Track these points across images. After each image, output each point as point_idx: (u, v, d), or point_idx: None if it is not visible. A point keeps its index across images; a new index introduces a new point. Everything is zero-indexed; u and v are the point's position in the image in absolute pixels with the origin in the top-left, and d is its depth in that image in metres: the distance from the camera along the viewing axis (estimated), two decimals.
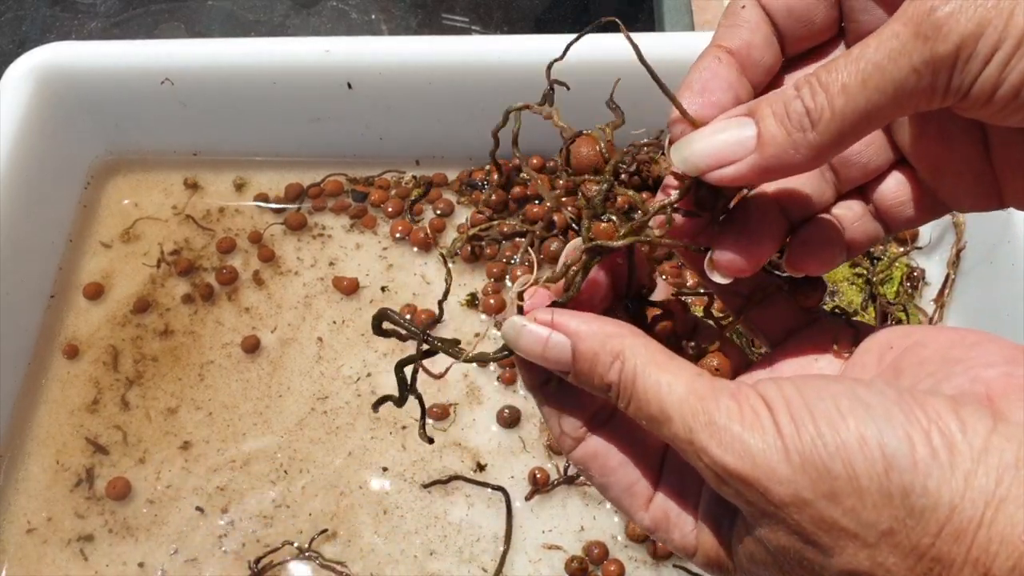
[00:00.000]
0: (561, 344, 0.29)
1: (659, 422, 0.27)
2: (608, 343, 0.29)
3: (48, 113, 0.62)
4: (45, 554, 0.54)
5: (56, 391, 0.59)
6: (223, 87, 0.63)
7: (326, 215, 0.66)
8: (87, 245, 0.65)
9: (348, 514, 0.54)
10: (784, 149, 0.27)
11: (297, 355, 0.60)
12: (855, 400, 0.25)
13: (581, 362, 0.29)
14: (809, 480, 0.25)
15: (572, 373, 0.29)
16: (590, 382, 0.29)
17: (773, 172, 0.28)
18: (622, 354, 0.28)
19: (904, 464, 0.24)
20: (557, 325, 0.30)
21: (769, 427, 0.26)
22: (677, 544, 0.30)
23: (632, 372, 0.28)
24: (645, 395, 0.28)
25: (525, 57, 0.61)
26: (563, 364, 0.29)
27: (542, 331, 0.30)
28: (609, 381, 0.28)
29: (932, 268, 0.60)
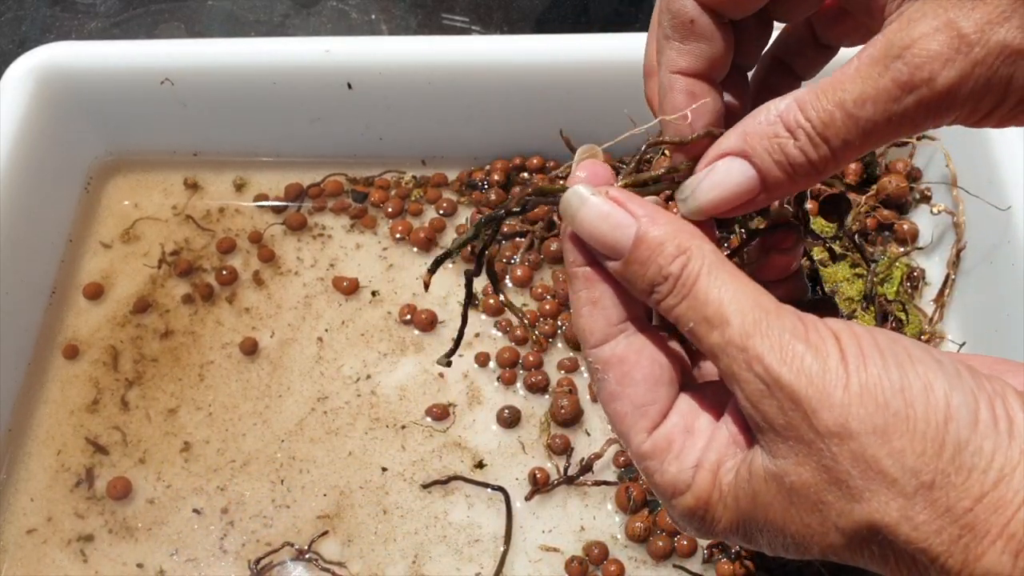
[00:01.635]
0: (626, 225, 0.28)
1: (712, 325, 0.26)
2: (679, 236, 0.28)
3: (48, 113, 0.62)
4: (45, 554, 0.54)
5: (56, 391, 0.59)
6: (223, 87, 0.63)
7: (326, 215, 0.66)
8: (87, 245, 0.65)
9: (348, 514, 0.54)
10: (791, 188, 0.28)
11: (297, 355, 0.60)
12: (927, 353, 0.25)
13: (643, 248, 0.28)
14: (864, 411, 0.24)
15: (625, 260, 0.28)
16: (642, 272, 0.28)
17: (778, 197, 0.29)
18: (690, 251, 0.27)
19: (965, 419, 0.24)
20: (625, 205, 0.28)
21: (834, 353, 0.25)
22: (669, 479, 0.29)
23: (697, 270, 0.27)
24: (706, 295, 0.27)
25: (525, 57, 0.61)
26: (620, 248, 0.28)
27: (608, 206, 0.28)
28: (668, 273, 0.27)
29: (932, 268, 0.60)
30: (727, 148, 0.29)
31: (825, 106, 0.27)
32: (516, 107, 0.63)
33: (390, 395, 0.58)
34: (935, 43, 0.25)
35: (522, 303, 0.61)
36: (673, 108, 0.30)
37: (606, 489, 0.54)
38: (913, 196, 0.62)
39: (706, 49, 0.30)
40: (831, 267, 0.58)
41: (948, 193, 0.59)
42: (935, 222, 0.61)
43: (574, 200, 0.29)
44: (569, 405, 0.56)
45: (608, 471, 0.55)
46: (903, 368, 0.24)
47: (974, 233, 0.58)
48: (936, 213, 0.59)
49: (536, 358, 0.58)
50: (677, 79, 0.30)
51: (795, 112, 0.27)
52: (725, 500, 0.28)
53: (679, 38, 0.30)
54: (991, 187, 0.55)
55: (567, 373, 0.58)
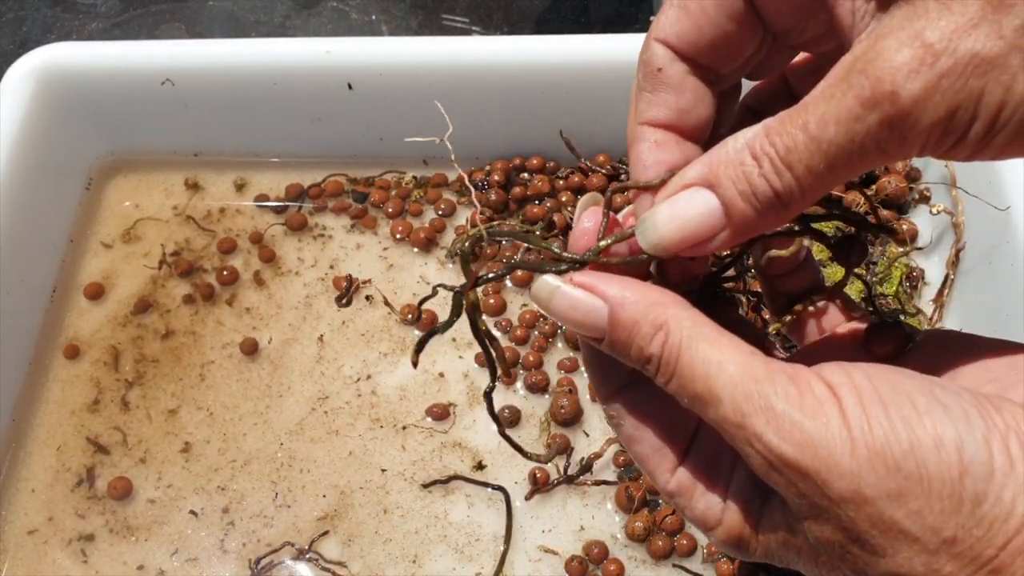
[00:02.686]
0: (597, 310, 0.27)
1: (705, 402, 0.25)
2: (651, 312, 0.26)
3: (49, 114, 0.62)
4: (46, 554, 0.54)
5: (57, 391, 0.59)
6: (224, 88, 0.63)
7: (327, 215, 0.66)
8: (88, 245, 0.65)
9: (348, 514, 0.54)
10: (756, 226, 0.26)
11: (297, 355, 0.60)
12: (932, 399, 0.24)
13: (619, 331, 0.27)
14: (875, 477, 0.23)
15: (607, 341, 0.27)
16: (626, 353, 0.27)
17: (744, 238, 0.27)
18: (666, 325, 0.26)
19: (981, 472, 0.23)
20: (594, 289, 0.27)
21: (834, 416, 0.24)
22: (699, 514, 0.28)
23: (677, 346, 0.26)
24: (691, 372, 0.26)
25: (525, 57, 0.61)
26: (598, 331, 0.27)
27: (577, 293, 0.28)
28: (649, 354, 0.26)
29: (931, 268, 0.60)
30: (691, 178, 0.27)
31: (789, 130, 0.25)
32: (516, 107, 0.63)
33: (390, 395, 0.58)
34: (899, 55, 0.23)
35: (522, 303, 0.61)
36: (638, 160, 0.29)
37: (606, 489, 0.54)
38: (912, 196, 0.62)
39: (673, 100, 0.29)
40: (831, 267, 0.59)
41: (947, 193, 0.59)
42: (934, 222, 0.61)
43: (543, 292, 0.28)
44: (569, 405, 0.56)
45: (608, 471, 0.55)
46: (909, 424, 0.24)
47: (973, 233, 0.58)
48: (935, 213, 0.60)
49: (536, 358, 0.58)
50: (644, 130, 0.29)
51: (761, 139, 0.25)
52: (756, 536, 0.28)
53: (649, 88, 0.29)
54: (990, 187, 0.55)
55: (567, 373, 0.58)
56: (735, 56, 0.29)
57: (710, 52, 0.28)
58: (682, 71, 0.28)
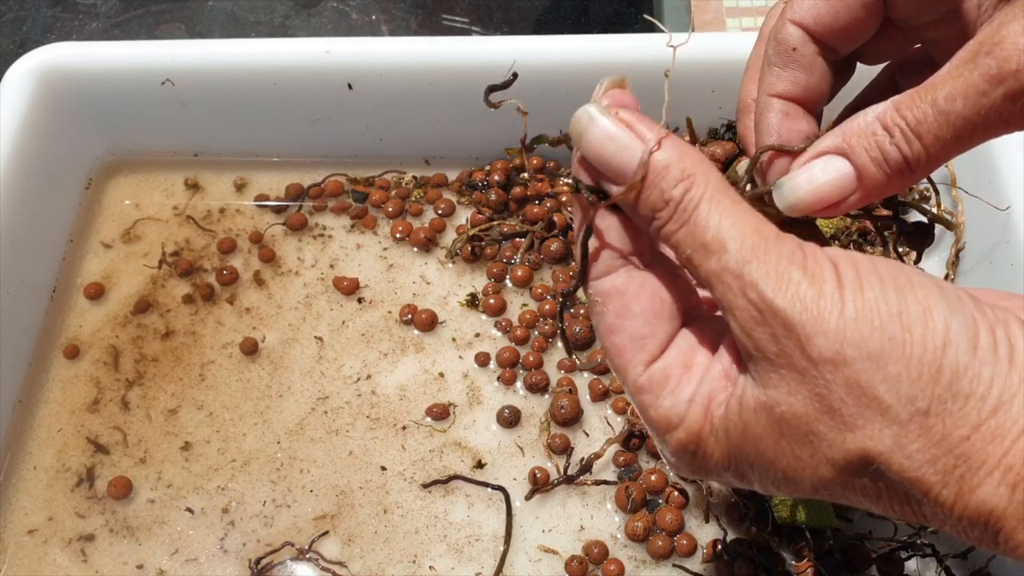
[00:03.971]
0: (631, 148, 0.27)
1: (709, 251, 0.26)
2: (683, 161, 0.27)
3: (49, 114, 0.62)
4: (46, 554, 0.54)
5: (57, 391, 0.59)
6: (224, 88, 0.63)
7: (327, 215, 0.66)
8: (88, 245, 0.65)
9: (348, 514, 0.54)
10: (886, 188, 0.29)
11: (297, 355, 0.60)
12: (929, 279, 0.25)
13: (647, 172, 0.27)
14: (858, 336, 0.24)
15: (629, 184, 0.28)
16: (645, 197, 0.27)
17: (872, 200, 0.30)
18: (693, 176, 0.27)
19: (964, 345, 0.23)
20: (634, 127, 0.28)
21: (830, 279, 0.25)
22: (663, 413, 0.28)
23: (699, 196, 0.27)
24: (706, 220, 0.26)
25: (525, 57, 0.61)
26: (624, 171, 0.28)
27: (616, 127, 0.28)
28: (669, 197, 0.27)
29: (932, 268, 0.60)
30: (826, 147, 0.29)
31: (919, 105, 0.27)
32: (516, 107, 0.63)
33: (390, 395, 0.58)
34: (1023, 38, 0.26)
35: (522, 303, 0.61)
36: (767, 127, 0.32)
37: (606, 489, 0.54)
38: (912, 196, 0.62)
39: (803, 77, 0.32)
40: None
41: (947, 193, 0.59)
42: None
43: (583, 119, 0.28)
44: (569, 405, 0.56)
45: (608, 471, 0.55)
46: (902, 292, 0.24)
47: (973, 233, 0.58)
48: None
49: (536, 358, 0.58)
50: (774, 101, 0.32)
51: (891, 112, 0.28)
52: (716, 434, 0.27)
53: (780, 64, 0.32)
54: (990, 187, 0.55)
55: (567, 373, 0.58)
56: (858, 39, 0.32)
57: (840, 36, 0.32)
58: (813, 52, 0.32)
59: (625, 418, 0.56)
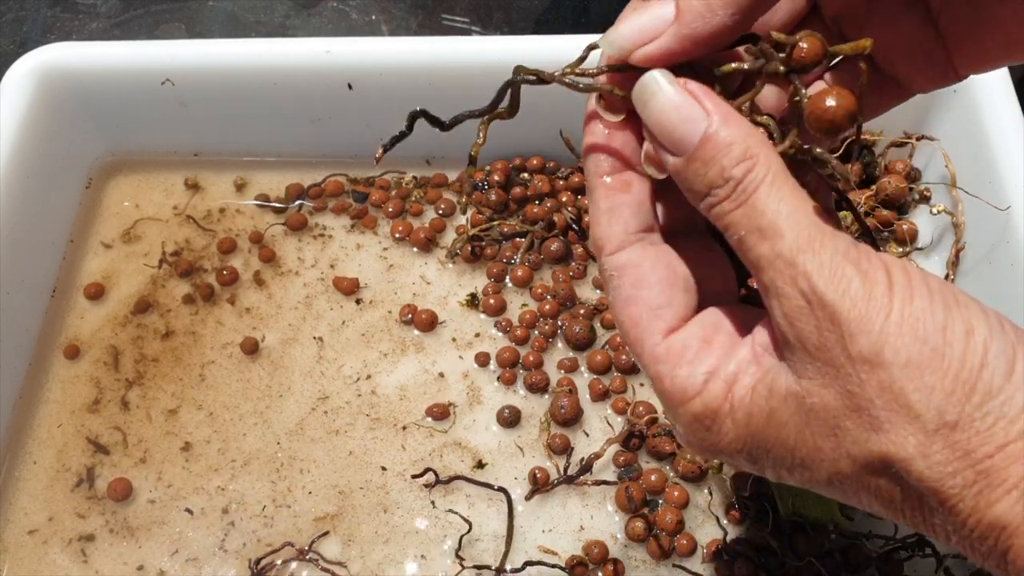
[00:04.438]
0: (696, 120, 0.27)
1: (764, 235, 0.25)
2: (748, 140, 0.26)
3: (49, 114, 0.62)
4: (46, 554, 0.54)
5: (57, 391, 0.59)
6: (224, 88, 0.63)
7: (327, 215, 0.66)
8: (88, 245, 0.65)
9: (348, 514, 0.54)
10: (701, 13, 0.27)
11: (297, 355, 0.60)
12: (976, 303, 0.25)
13: (709, 147, 0.26)
14: (901, 342, 0.24)
15: (688, 156, 0.27)
16: (703, 172, 0.27)
17: (698, 42, 0.27)
18: (757, 157, 0.26)
19: (1001, 368, 0.23)
20: (701, 100, 0.27)
21: (882, 281, 0.24)
22: (679, 383, 0.28)
23: (760, 178, 0.26)
24: (764, 204, 0.26)
25: (525, 57, 0.60)
26: (686, 142, 0.27)
27: (682, 98, 0.27)
28: (730, 175, 0.26)
29: (932, 268, 0.60)
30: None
31: None
32: None
33: (390, 395, 0.58)
34: None
35: (522, 303, 0.61)
36: None
37: (606, 489, 0.54)
38: (912, 196, 0.62)
39: None
40: None
41: (947, 193, 0.59)
42: (934, 222, 0.61)
43: (650, 85, 0.28)
44: (569, 405, 0.56)
45: (608, 471, 0.55)
46: (949, 309, 0.24)
47: (973, 233, 0.58)
48: (935, 213, 0.60)
49: (536, 358, 0.58)
50: None
51: None
52: (735, 415, 0.27)
53: None
54: (990, 187, 0.55)
55: (567, 373, 0.58)
56: None
57: None
58: None
59: (625, 418, 0.56)
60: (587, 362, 0.58)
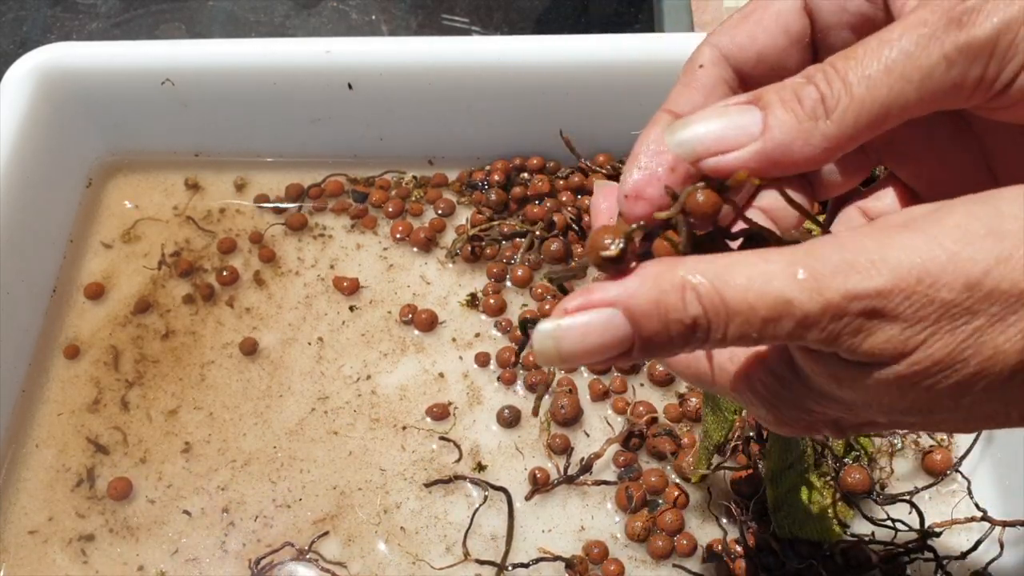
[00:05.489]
0: (611, 318, 0.24)
1: (778, 317, 0.23)
2: (663, 281, 0.23)
3: (49, 114, 0.62)
4: (46, 554, 0.54)
5: (57, 391, 0.59)
6: (224, 88, 0.63)
7: (327, 215, 0.66)
8: (88, 245, 0.65)
9: (348, 514, 0.54)
10: (793, 138, 0.25)
11: (297, 355, 0.60)
12: None
13: (645, 321, 0.23)
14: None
15: (639, 344, 0.24)
16: (666, 340, 0.24)
17: (779, 164, 0.25)
18: (686, 281, 0.23)
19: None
20: (591, 303, 0.24)
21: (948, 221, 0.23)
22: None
23: (711, 288, 0.23)
24: (745, 299, 0.23)
25: (525, 57, 0.61)
26: (626, 341, 0.24)
27: (580, 319, 0.24)
28: (693, 317, 0.23)
29: None
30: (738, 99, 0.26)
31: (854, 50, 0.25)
32: (516, 107, 0.63)
33: (390, 395, 0.58)
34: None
35: (522, 303, 0.61)
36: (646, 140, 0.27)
37: (606, 489, 0.54)
38: None
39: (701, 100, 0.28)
40: None
41: None
42: None
43: (547, 344, 0.25)
44: (569, 405, 0.56)
45: (608, 471, 0.55)
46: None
47: None
48: None
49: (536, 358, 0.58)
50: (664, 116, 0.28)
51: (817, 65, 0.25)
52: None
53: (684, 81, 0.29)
54: None
55: (567, 373, 0.58)
56: (777, 70, 0.29)
57: (755, 61, 0.29)
58: (717, 75, 0.29)
59: (625, 418, 0.56)
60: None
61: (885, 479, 0.54)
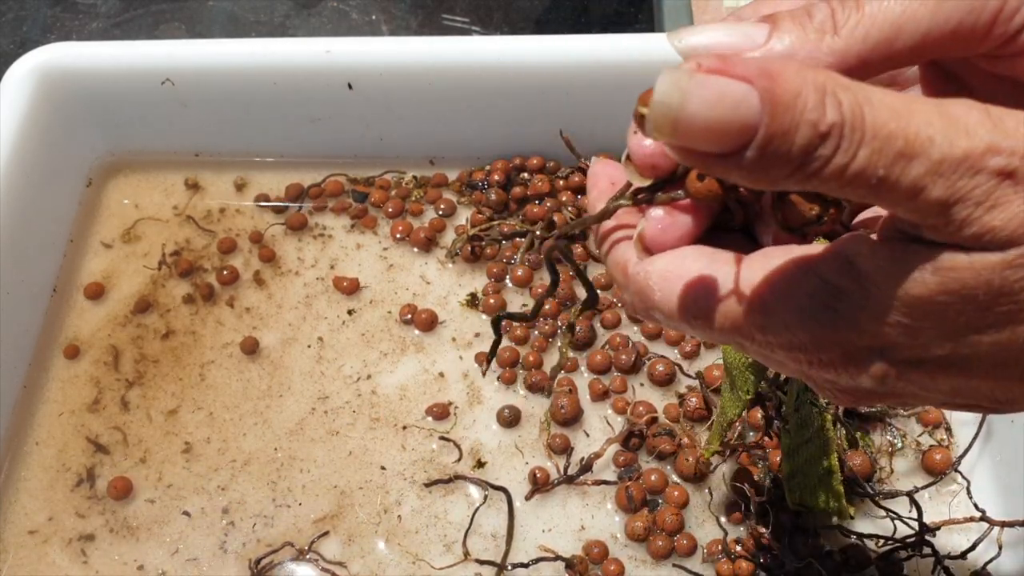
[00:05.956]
0: (746, 94, 0.20)
1: (913, 153, 0.21)
2: (808, 75, 0.21)
3: (49, 114, 0.62)
4: (46, 554, 0.54)
5: (57, 391, 0.59)
6: (224, 87, 0.63)
7: (327, 215, 0.66)
8: (88, 245, 0.65)
9: (348, 514, 0.54)
10: (797, 48, 0.23)
11: (297, 355, 0.60)
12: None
13: (780, 111, 0.20)
14: None
15: (760, 138, 0.21)
16: (789, 143, 0.21)
17: None
18: (828, 85, 0.21)
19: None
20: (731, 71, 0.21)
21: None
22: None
23: (855, 101, 0.21)
24: (886, 124, 0.21)
25: (525, 57, 0.61)
26: (750, 126, 0.21)
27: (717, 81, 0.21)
28: (831, 122, 0.20)
29: None
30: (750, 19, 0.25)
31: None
32: (516, 107, 0.63)
33: (390, 395, 0.58)
34: None
35: (522, 303, 0.61)
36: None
37: (606, 489, 0.54)
38: None
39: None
40: None
41: None
42: None
43: (672, 96, 0.21)
44: (569, 405, 0.56)
45: (608, 471, 0.55)
46: None
47: None
48: None
49: (536, 358, 0.58)
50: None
51: None
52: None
53: None
54: None
55: (567, 373, 0.58)
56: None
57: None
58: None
59: (625, 418, 0.56)
60: (587, 362, 0.58)
61: (885, 478, 0.54)
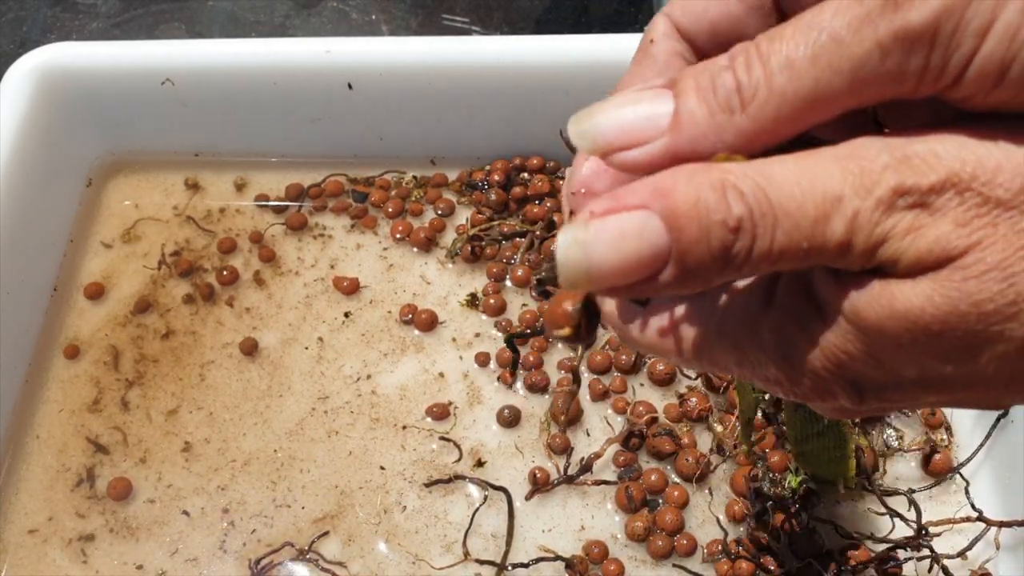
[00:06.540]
0: (647, 221, 0.20)
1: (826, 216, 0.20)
2: (698, 179, 0.20)
3: (49, 114, 0.62)
4: (46, 554, 0.54)
5: (57, 391, 0.59)
6: (224, 87, 0.63)
7: (327, 215, 0.66)
8: (88, 245, 0.65)
9: (348, 514, 0.54)
10: (703, 133, 0.21)
11: (297, 355, 0.60)
12: None
13: (685, 222, 0.20)
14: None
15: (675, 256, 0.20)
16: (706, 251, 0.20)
17: (690, 161, 0.22)
18: (725, 180, 0.20)
19: None
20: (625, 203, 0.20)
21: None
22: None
23: (755, 186, 0.20)
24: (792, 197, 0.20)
25: (525, 57, 0.61)
26: (662, 253, 0.20)
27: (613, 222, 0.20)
28: (737, 216, 0.20)
29: None
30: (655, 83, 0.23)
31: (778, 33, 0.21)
32: (516, 107, 0.63)
33: (390, 395, 0.58)
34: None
35: (522, 303, 0.61)
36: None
37: (606, 489, 0.54)
38: None
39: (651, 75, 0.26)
40: None
41: None
42: None
43: (574, 253, 0.21)
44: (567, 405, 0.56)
45: (608, 471, 0.55)
46: None
47: None
48: None
49: (536, 358, 0.58)
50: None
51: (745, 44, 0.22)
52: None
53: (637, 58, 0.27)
54: None
55: (567, 373, 0.58)
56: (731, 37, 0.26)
57: (708, 31, 0.26)
58: (671, 49, 0.26)
59: (625, 418, 0.56)
60: (587, 362, 0.58)
61: (883, 478, 0.54)
